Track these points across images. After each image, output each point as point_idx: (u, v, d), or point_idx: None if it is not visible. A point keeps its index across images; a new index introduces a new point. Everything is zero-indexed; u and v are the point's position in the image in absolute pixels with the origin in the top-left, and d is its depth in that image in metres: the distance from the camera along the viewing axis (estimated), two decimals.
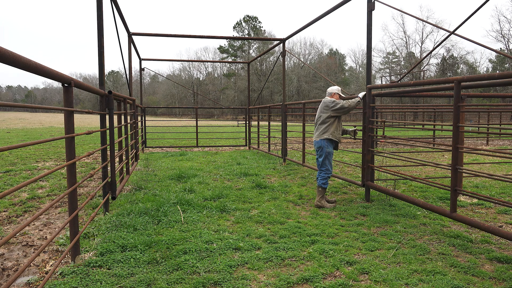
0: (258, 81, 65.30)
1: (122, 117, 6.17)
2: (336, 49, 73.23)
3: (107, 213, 4.74)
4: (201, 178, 7.14)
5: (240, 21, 72.15)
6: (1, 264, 3.31)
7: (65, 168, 4.31)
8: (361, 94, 5.44)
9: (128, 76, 8.95)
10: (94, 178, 7.40)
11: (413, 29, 67.39)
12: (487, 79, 3.70)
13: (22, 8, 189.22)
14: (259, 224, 4.43)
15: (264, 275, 3.09)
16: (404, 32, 56.01)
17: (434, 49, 4.85)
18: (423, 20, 4.85)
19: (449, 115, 23.81)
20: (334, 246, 3.71)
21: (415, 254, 3.51)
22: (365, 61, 60.56)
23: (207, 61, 17.98)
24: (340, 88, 5.67)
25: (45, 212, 3.80)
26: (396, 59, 61.70)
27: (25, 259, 3.45)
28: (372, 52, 5.80)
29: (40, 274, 3.10)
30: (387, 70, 61.84)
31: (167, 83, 76.88)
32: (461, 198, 5.59)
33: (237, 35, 70.89)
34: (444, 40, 4.99)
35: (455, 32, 4.51)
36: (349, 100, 5.43)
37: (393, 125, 8.57)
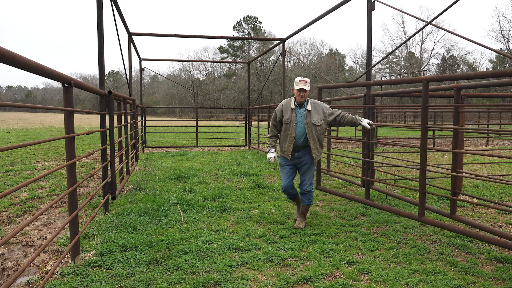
0: (258, 81, 65.29)
1: (122, 117, 6.17)
2: (336, 49, 73.23)
3: (107, 213, 4.74)
4: (201, 178, 7.14)
5: (240, 21, 72.14)
6: (1, 264, 3.31)
7: (65, 168, 4.31)
8: (270, 155, 4.44)
9: (128, 76, 8.95)
10: (94, 178, 7.40)
11: (413, 29, 67.27)
12: (450, 80, 3.81)
13: (22, 8, 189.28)
14: (259, 224, 4.44)
15: (264, 275, 3.09)
16: (404, 32, 55.99)
17: (408, 39, 4.85)
18: (423, 20, 4.86)
19: (449, 115, 23.81)
20: (334, 246, 3.71)
21: (415, 254, 3.51)
22: (365, 61, 60.55)
23: (207, 61, 18.00)
24: (297, 79, 4.26)
25: (45, 212, 3.80)
26: (396, 59, 61.68)
27: (25, 259, 3.45)
28: (372, 52, 5.80)
29: (40, 274, 3.10)
30: (387, 70, 61.84)
31: (167, 83, 76.85)
32: (461, 198, 5.59)
33: (237, 35, 70.87)
34: (421, 29, 5.02)
35: (432, 22, 4.52)
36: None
37: (393, 125, 8.62)
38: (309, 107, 4.27)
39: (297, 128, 4.23)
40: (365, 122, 4.32)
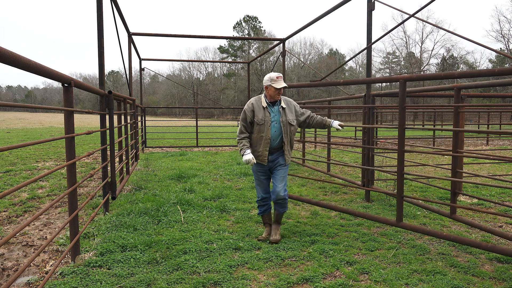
0: (258, 81, 65.24)
1: (122, 117, 6.17)
2: (336, 49, 73.22)
3: (107, 213, 4.74)
4: (201, 178, 7.14)
5: (240, 21, 72.12)
6: (1, 264, 3.31)
7: (65, 168, 4.31)
8: (246, 157, 3.75)
9: (128, 76, 8.96)
10: (94, 178, 7.40)
11: (413, 29, 67.37)
12: (428, 79, 3.70)
13: (22, 8, 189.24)
14: (259, 224, 4.43)
15: (264, 275, 3.09)
16: (404, 32, 55.98)
17: (389, 32, 4.84)
18: (423, 20, 4.86)
19: (449, 115, 23.81)
20: (334, 246, 3.71)
21: (415, 254, 3.51)
22: (365, 61, 60.57)
23: (207, 61, 18.01)
24: (273, 76, 3.81)
25: (45, 212, 3.80)
26: (396, 59, 61.68)
27: (25, 259, 3.45)
28: (372, 52, 5.79)
29: (40, 274, 3.10)
30: (387, 70, 61.84)
31: (167, 83, 76.83)
32: (461, 198, 5.59)
33: (237, 35, 70.84)
34: (403, 22, 5.01)
35: (415, 15, 4.53)
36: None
37: (393, 125, 8.68)
38: (283, 105, 3.90)
39: (272, 128, 3.82)
40: (336, 124, 4.06)
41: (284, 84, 3.78)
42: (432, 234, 3.53)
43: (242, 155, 3.80)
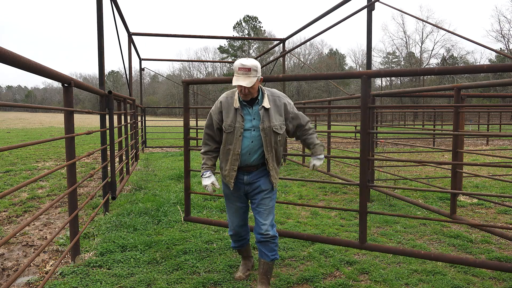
0: None
1: (122, 117, 6.18)
2: (336, 49, 73.16)
3: (107, 213, 4.74)
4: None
5: (240, 21, 72.10)
6: (1, 264, 3.31)
7: (65, 168, 4.31)
8: (205, 181, 2.81)
9: (128, 76, 8.96)
10: (94, 178, 7.40)
11: (413, 29, 67.42)
12: (390, 75, 3.53)
13: (22, 8, 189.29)
14: None
15: None
16: (404, 32, 56.11)
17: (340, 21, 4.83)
18: (423, 20, 4.87)
19: (449, 115, 23.80)
20: (334, 246, 3.71)
21: None
22: (365, 61, 60.56)
23: (207, 61, 18.00)
24: (236, 65, 2.61)
25: (45, 212, 3.80)
26: (396, 59, 61.68)
27: (25, 259, 3.45)
28: (372, 52, 5.79)
29: (40, 274, 3.10)
30: None
31: (167, 83, 76.80)
32: (461, 198, 5.59)
33: (237, 35, 70.82)
34: (365, 7, 4.99)
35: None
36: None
37: (393, 125, 8.75)
38: (266, 103, 2.68)
39: (247, 139, 2.68)
40: (314, 162, 2.87)
41: (240, 83, 2.54)
42: (408, 254, 2.96)
43: (201, 177, 2.82)
